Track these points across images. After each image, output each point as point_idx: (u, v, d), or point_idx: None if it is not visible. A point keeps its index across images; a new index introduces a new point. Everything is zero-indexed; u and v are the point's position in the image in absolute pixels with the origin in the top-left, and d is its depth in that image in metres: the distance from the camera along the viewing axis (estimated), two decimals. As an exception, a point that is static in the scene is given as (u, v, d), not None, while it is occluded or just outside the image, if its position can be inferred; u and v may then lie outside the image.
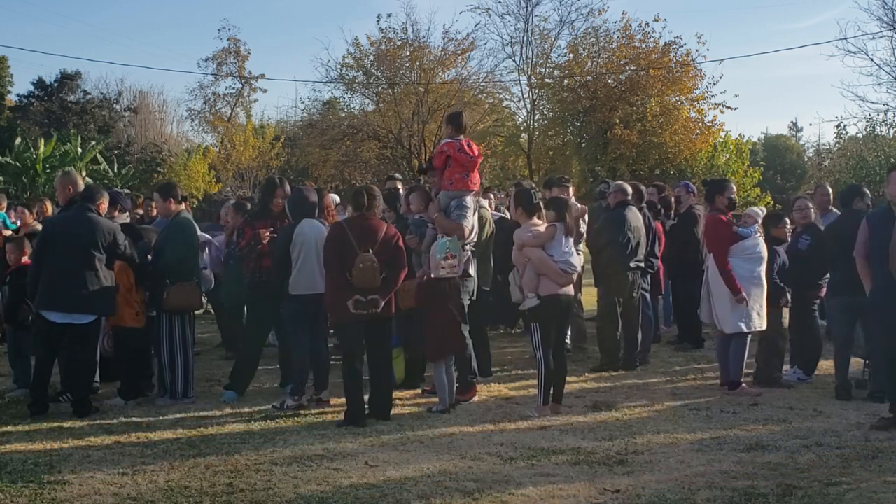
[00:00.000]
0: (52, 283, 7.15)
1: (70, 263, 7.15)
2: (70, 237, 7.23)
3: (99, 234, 7.28)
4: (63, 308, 7.16)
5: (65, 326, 7.19)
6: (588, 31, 31.00)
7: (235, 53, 42.62)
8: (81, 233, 7.24)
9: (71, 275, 7.13)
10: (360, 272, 6.78)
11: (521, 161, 32.34)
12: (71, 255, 7.16)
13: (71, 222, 7.36)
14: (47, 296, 7.17)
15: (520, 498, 5.14)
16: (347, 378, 6.97)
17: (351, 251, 6.85)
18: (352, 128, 32.48)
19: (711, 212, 8.37)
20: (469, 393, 7.66)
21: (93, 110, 37.59)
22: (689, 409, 7.40)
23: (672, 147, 28.88)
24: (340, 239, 6.94)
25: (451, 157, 7.55)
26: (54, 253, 7.20)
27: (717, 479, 5.43)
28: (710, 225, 8.24)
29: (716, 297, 7.98)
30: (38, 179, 28.99)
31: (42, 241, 7.39)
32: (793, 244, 8.54)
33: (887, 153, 25.44)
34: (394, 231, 7.24)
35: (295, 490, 5.30)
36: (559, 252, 7.18)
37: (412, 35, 31.34)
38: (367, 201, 7.10)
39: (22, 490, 5.32)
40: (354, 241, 6.89)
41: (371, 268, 6.81)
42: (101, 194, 7.77)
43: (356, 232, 6.96)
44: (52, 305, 7.16)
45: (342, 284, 6.84)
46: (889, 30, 26.73)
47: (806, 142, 52.92)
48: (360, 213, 7.11)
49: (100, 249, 7.26)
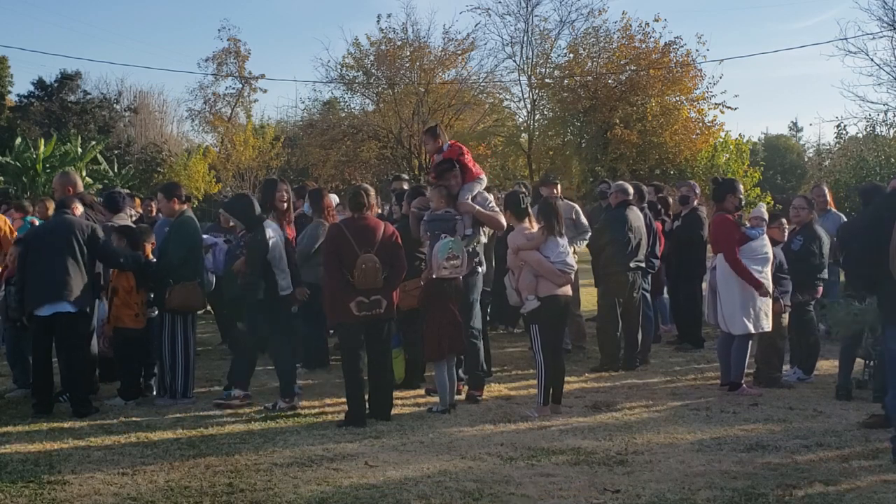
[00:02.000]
0: (36, 281, 7.28)
1: (50, 260, 7.27)
2: (49, 238, 7.41)
3: (76, 230, 7.39)
4: (48, 299, 7.23)
5: (53, 320, 7.23)
6: (588, 31, 31.06)
7: (235, 53, 42.58)
8: (58, 232, 7.40)
9: (52, 269, 7.26)
10: (362, 273, 6.78)
11: (521, 161, 32.35)
12: (51, 252, 7.29)
13: (49, 225, 7.63)
14: (33, 293, 7.29)
15: (520, 498, 5.14)
16: (348, 378, 6.97)
17: (351, 252, 6.85)
18: (352, 128, 32.50)
19: (718, 212, 8.34)
20: (481, 389, 7.70)
21: (93, 110, 37.57)
22: (689, 409, 7.40)
23: (672, 147, 28.89)
24: (339, 240, 6.94)
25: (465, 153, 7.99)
26: (37, 254, 7.35)
27: (717, 479, 5.43)
28: (720, 225, 8.16)
29: (724, 298, 7.94)
30: (38, 179, 28.95)
31: (24, 246, 7.52)
32: (786, 245, 8.54)
33: (887, 153, 25.40)
34: (392, 230, 7.23)
35: (295, 490, 5.30)
36: (555, 253, 7.19)
37: (412, 35, 31.43)
38: (366, 201, 7.10)
39: (22, 490, 5.32)
40: (354, 243, 6.88)
41: (373, 268, 6.81)
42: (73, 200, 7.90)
43: (355, 233, 6.95)
44: (38, 300, 7.26)
45: (344, 286, 6.84)
46: (889, 30, 26.73)
47: (806, 142, 52.98)
48: (359, 213, 7.11)
49: (79, 244, 7.34)
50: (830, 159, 36.01)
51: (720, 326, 8.09)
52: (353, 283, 6.80)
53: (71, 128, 34.59)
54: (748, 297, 7.86)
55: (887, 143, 26.55)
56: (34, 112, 36.48)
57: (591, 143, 30.32)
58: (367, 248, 6.89)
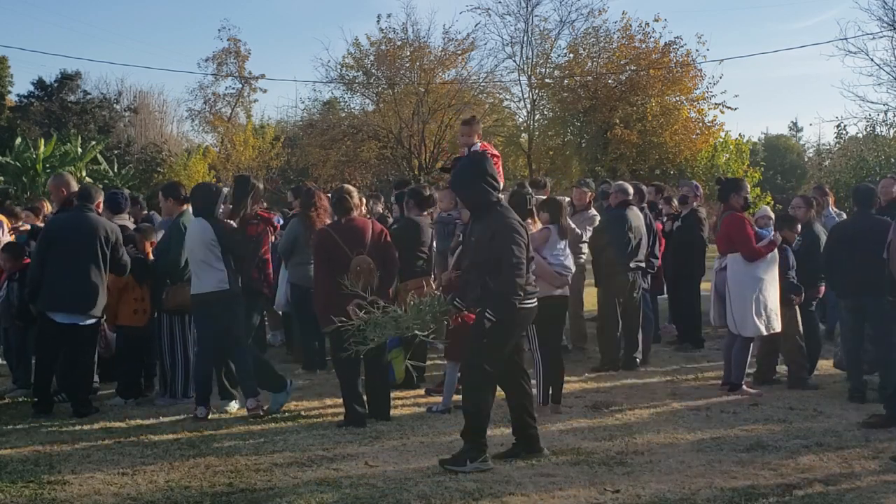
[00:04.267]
0: (57, 284, 7.14)
1: (75, 264, 7.16)
2: (74, 238, 7.23)
3: (102, 235, 7.30)
4: (68, 309, 7.18)
5: (67, 327, 7.19)
6: (588, 31, 31.09)
7: (235, 53, 42.57)
8: (86, 233, 7.25)
9: (76, 276, 7.15)
10: (356, 275, 6.67)
11: (521, 161, 32.35)
12: (76, 255, 7.18)
13: (74, 223, 7.36)
14: (52, 296, 7.16)
15: (520, 498, 5.14)
16: (345, 379, 6.95)
17: (343, 256, 6.77)
18: (352, 128, 32.50)
19: (725, 211, 8.31)
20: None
21: (93, 110, 37.53)
22: (689, 409, 7.40)
23: (672, 147, 28.90)
24: (329, 244, 6.85)
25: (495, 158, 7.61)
26: (58, 254, 7.18)
27: (717, 479, 5.43)
28: (734, 223, 8.03)
29: (735, 300, 7.89)
30: (38, 179, 28.92)
31: (45, 242, 7.36)
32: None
33: (887, 153, 25.45)
34: (380, 228, 7.16)
35: (295, 490, 5.29)
36: (553, 255, 7.18)
37: (412, 35, 31.44)
38: (351, 204, 7.01)
39: (22, 490, 5.32)
40: (345, 246, 6.80)
41: (368, 269, 6.76)
42: (98, 193, 7.81)
43: (344, 236, 6.86)
44: (57, 306, 7.17)
45: (339, 290, 6.63)
46: (889, 30, 26.78)
47: (806, 142, 52.95)
48: (346, 216, 6.99)
49: (102, 248, 7.27)
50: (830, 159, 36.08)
51: (729, 328, 8.04)
52: (347, 286, 6.70)
53: (71, 128, 34.56)
54: (759, 299, 7.83)
55: (887, 143, 26.58)
56: (34, 112, 36.45)
57: (591, 143, 30.33)
58: (359, 250, 6.82)
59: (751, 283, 7.84)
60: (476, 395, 5.72)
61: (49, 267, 7.20)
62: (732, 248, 7.97)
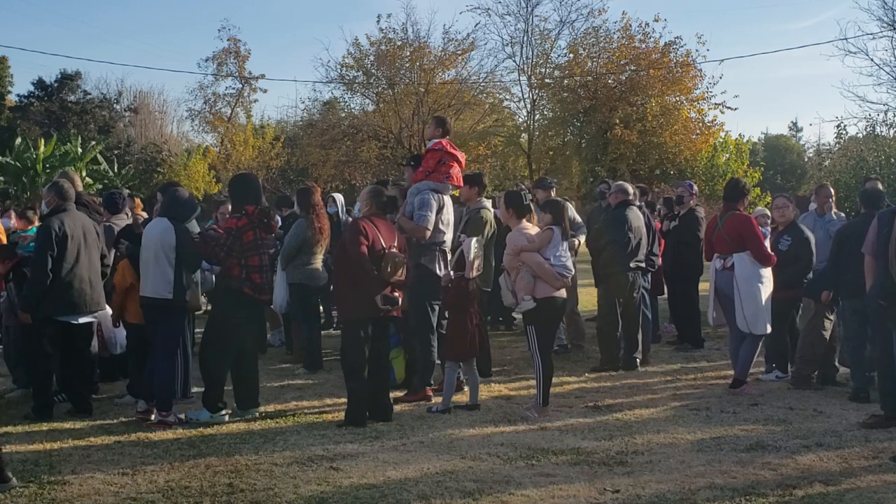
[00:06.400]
0: (73, 287, 7.09)
1: (89, 264, 7.21)
2: (82, 239, 7.23)
3: (98, 234, 7.46)
4: (88, 310, 7.22)
5: (78, 326, 7.22)
6: (588, 32, 31.11)
7: (235, 53, 42.52)
8: (89, 230, 7.33)
9: (91, 275, 7.22)
10: (393, 267, 6.84)
11: (521, 161, 32.37)
12: (87, 256, 7.22)
13: (79, 221, 7.30)
14: (70, 299, 7.09)
15: (520, 498, 5.14)
16: (350, 378, 6.96)
17: (379, 247, 6.91)
18: (352, 128, 32.51)
19: (727, 212, 8.28)
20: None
21: (93, 110, 37.56)
22: (689, 409, 7.40)
23: (672, 147, 28.91)
24: (368, 235, 6.92)
25: (446, 153, 7.84)
26: (69, 256, 7.07)
27: (717, 479, 5.43)
28: (745, 223, 8.02)
29: (745, 299, 7.86)
30: (38, 180, 28.92)
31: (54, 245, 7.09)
32: (773, 245, 8.51)
33: (887, 153, 25.42)
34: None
35: (295, 490, 5.30)
36: (554, 256, 7.18)
37: (412, 35, 31.43)
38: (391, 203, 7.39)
39: (22, 490, 5.32)
40: (382, 238, 6.97)
41: (402, 263, 6.94)
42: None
43: (382, 229, 7.06)
44: (75, 309, 7.14)
45: (374, 279, 6.79)
46: (889, 30, 26.78)
47: (806, 142, 53.06)
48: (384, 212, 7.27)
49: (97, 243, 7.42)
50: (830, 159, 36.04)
51: (739, 327, 8.03)
52: (380, 277, 6.82)
53: (71, 128, 34.58)
54: (766, 298, 7.87)
55: (887, 143, 26.56)
56: (34, 112, 36.47)
57: (591, 143, 30.34)
58: (391, 245, 7.00)
59: (760, 283, 7.87)
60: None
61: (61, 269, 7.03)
62: (739, 248, 7.96)
